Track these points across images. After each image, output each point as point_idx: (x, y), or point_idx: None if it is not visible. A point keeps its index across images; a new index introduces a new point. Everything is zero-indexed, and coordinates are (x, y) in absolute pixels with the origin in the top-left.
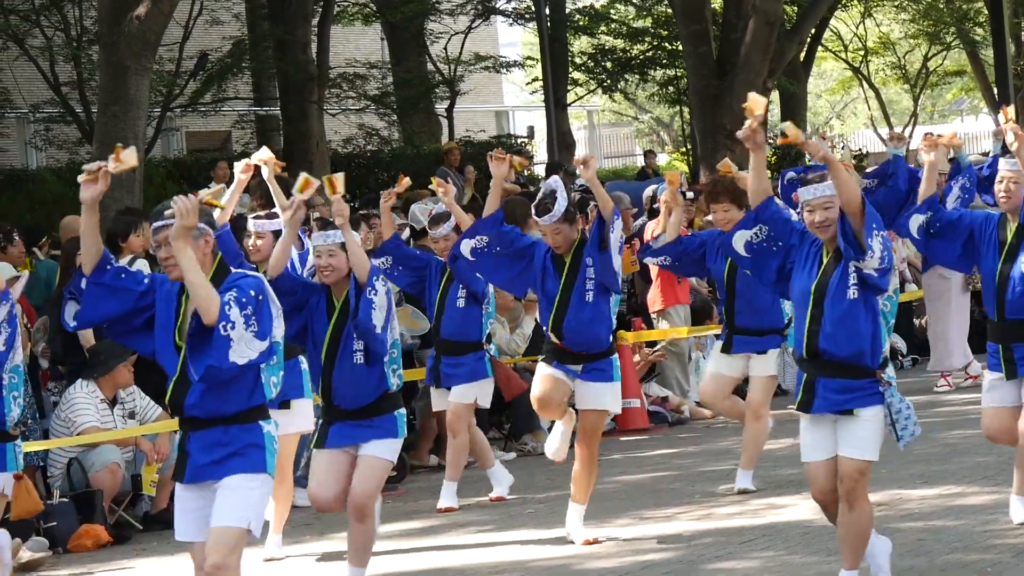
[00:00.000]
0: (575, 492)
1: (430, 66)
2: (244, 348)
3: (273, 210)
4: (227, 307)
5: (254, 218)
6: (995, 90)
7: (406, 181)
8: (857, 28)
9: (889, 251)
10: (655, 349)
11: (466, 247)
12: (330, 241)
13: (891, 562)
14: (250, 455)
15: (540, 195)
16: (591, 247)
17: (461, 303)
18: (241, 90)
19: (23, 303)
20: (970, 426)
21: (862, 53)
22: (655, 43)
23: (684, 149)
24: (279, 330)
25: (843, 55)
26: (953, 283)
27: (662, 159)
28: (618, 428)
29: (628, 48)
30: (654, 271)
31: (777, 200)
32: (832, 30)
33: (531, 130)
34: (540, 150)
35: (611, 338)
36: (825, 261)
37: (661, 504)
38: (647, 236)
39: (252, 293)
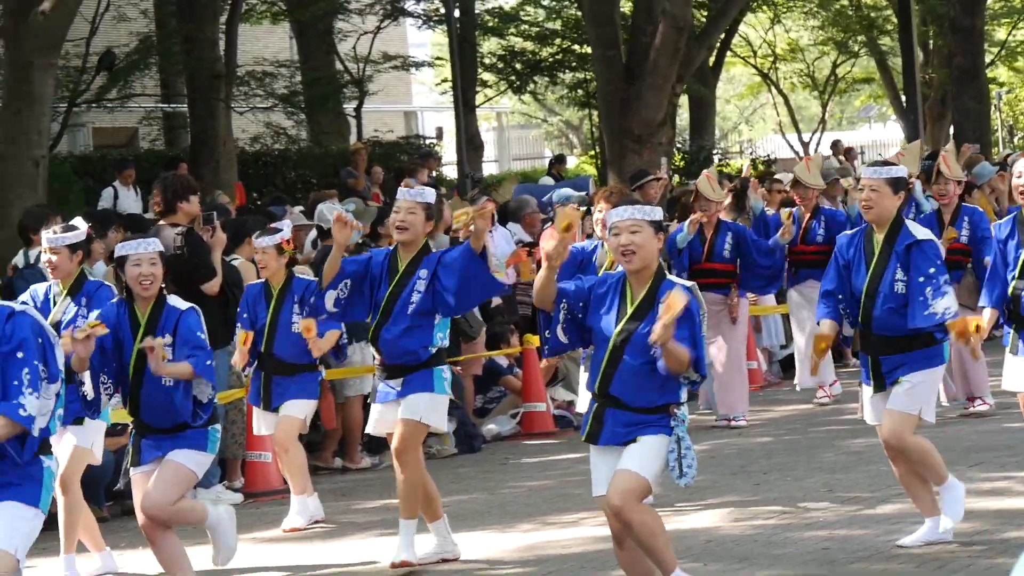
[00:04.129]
0: (400, 508)
1: (339, 65)
2: (46, 405)
3: (71, 223)
4: (22, 394)
5: (52, 232)
6: (903, 98)
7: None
8: (766, 34)
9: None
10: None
11: (329, 300)
12: (151, 249)
13: None
14: (26, 487)
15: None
16: (434, 261)
17: (296, 328)
18: (148, 87)
19: None
20: (875, 434)
21: (771, 59)
22: (564, 46)
23: (593, 152)
24: (61, 358)
25: (752, 61)
26: None
27: (571, 162)
28: (523, 432)
29: (537, 50)
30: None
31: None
32: (741, 36)
33: (439, 131)
34: (448, 151)
35: (434, 351)
36: (630, 310)
37: (566, 509)
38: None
39: (38, 341)
